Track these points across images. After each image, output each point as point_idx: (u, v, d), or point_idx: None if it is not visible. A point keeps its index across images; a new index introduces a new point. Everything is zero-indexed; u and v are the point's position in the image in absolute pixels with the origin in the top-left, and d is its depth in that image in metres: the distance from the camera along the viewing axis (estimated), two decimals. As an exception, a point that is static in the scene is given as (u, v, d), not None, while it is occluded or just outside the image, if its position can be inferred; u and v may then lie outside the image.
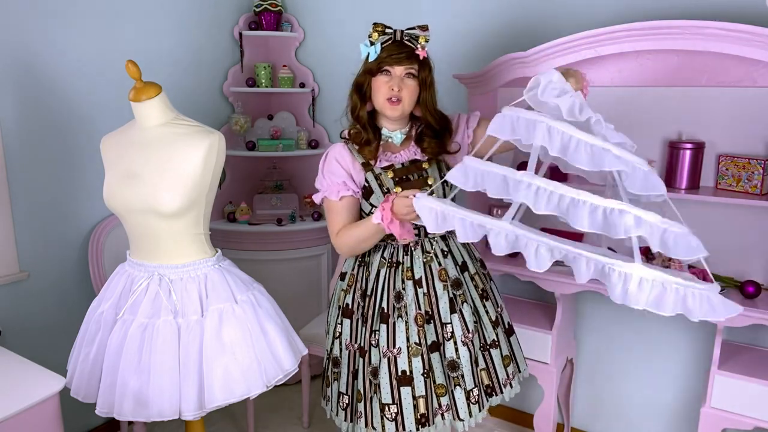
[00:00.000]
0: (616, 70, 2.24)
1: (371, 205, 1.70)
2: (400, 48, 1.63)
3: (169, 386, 1.69)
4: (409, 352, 1.68)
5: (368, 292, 1.74)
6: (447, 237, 1.80)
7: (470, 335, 1.73)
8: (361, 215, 1.76)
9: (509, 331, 1.89)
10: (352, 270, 1.81)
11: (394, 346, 1.69)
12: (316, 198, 1.76)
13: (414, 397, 1.67)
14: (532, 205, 1.27)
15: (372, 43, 1.65)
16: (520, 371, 1.89)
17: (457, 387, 1.71)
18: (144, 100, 1.74)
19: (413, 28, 1.66)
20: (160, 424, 2.70)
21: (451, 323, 1.71)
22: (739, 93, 2.04)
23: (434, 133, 1.72)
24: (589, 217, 1.23)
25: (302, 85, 3.11)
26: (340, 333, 1.80)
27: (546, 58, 2.14)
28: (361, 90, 1.72)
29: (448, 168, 1.76)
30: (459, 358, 1.71)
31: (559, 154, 1.31)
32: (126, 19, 2.53)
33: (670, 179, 2.13)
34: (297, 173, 3.28)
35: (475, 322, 1.76)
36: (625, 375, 2.50)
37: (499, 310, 1.86)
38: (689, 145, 2.07)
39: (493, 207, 2.59)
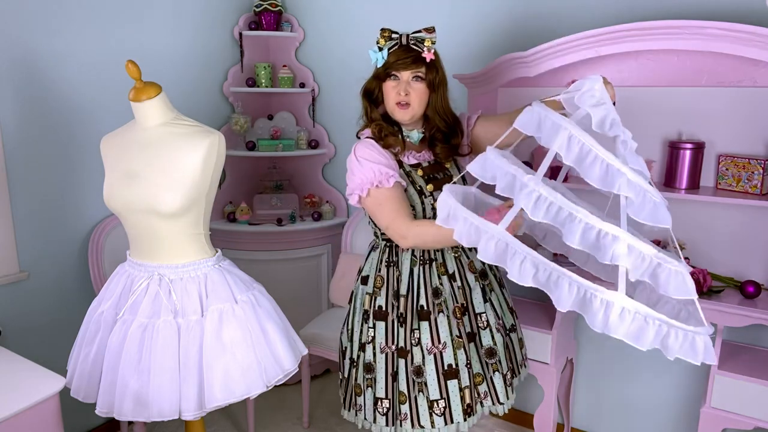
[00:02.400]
0: (616, 70, 2.24)
1: None
2: (406, 52, 1.65)
3: (169, 386, 1.69)
4: (453, 346, 1.73)
5: (402, 292, 1.75)
6: None
7: (501, 321, 1.84)
8: None
9: (515, 315, 1.99)
10: (378, 272, 1.80)
11: (439, 342, 1.72)
12: (353, 197, 1.68)
13: (461, 389, 1.73)
14: (529, 211, 1.25)
15: (380, 49, 1.67)
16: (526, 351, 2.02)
17: (496, 372, 1.79)
18: (144, 100, 1.74)
19: (419, 32, 1.67)
20: (160, 424, 2.70)
21: (485, 312, 1.80)
22: (739, 93, 2.04)
23: (444, 136, 1.76)
24: (581, 235, 1.21)
25: (302, 85, 3.11)
26: (373, 337, 1.78)
27: (546, 58, 2.14)
28: (371, 96, 1.75)
29: (461, 166, 1.84)
30: (496, 344, 1.80)
31: (573, 164, 1.28)
32: (126, 19, 2.54)
33: (670, 179, 2.13)
34: (297, 173, 3.28)
35: (500, 309, 1.87)
36: (625, 375, 2.50)
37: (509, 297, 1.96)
38: (689, 145, 2.07)
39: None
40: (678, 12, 2.10)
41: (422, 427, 1.71)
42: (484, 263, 1.85)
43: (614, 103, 1.50)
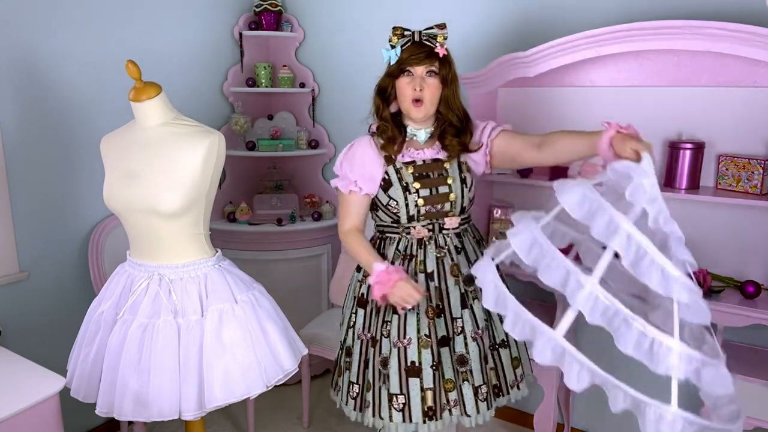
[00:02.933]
0: (616, 70, 2.24)
1: (389, 197, 1.75)
2: (419, 48, 1.67)
3: (169, 386, 1.69)
4: (419, 344, 1.72)
5: None
6: (462, 234, 1.82)
7: (480, 332, 1.77)
8: (378, 205, 1.79)
9: (502, 344, 1.87)
10: None
11: (404, 337, 1.73)
12: (333, 183, 1.83)
13: (422, 389, 1.71)
14: (587, 314, 1.22)
15: (393, 47, 1.69)
16: (525, 374, 1.91)
17: (465, 382, 1.74)
18: (144, 100, 1.74)
19: (431, 28, 1.70)
20: (160, 424, 2.70)
21: (461, 318, 1.75)
22: (739, 93, 2.04)
23: (456, 131, 1.77)
24: (635, 343, 1.20)
25: (302, 85, 3.11)
26: (354, 323, 1.83)
27: (546, 58, 2.14)
28: (384, 93, 1.77)
29: (468, 170, 1.81)
30: (468, 353, 1.75)
31: (629, 267, 1.23)
32: (126, 19, 2.54)
33: (670, 179, 2.13)
34: (297, 173, 3.28)
35: (486, 320, 1.80)
36: (625, 375, 2.49)
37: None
38: (689, 145, 2.07)
39: (493, 207, 2.59)
40: (678, 12, 2.10)
41: (382, 418, 1.74)
42: None
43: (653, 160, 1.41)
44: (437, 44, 1.68)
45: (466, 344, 1.75)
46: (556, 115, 2.42)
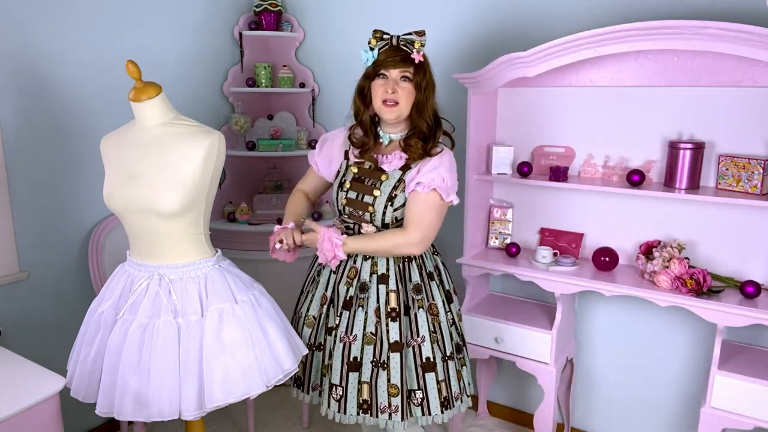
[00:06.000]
0: (616, 70, 2.24)
1: (333, 187, 1.91)
2: (396, 52, 1.71)
3: (169, 386, 1.68)
4: (304, 322, 1.94)
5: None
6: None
7: (350, 337, 1.81)
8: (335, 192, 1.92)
9: (426, 366, 1.81)
10: None
11: (301, 308, 1.98)
12: (309, 153, 2.04)
13: (304, 358, 1.92)
14: None
15: (372, 49, 1.73)
16: (412, 414, 1.81)
17: (325, 376, 1.86)
18: (144, 100, 1.74)
19: (410, 34, 1.72)
20: (160, 424, 2.70)
21: (340, 317, 1.84)
22: (739, 93, 2.05)
23: (424, 136, 1.78)
24: None
25: (302, 85, 3.11)
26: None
27: (546, 58, 2.14)
28: (363, 94, 1.80)
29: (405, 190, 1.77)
30: (334, 350, 1.83)
31: None
32: (126, 19, 2.54)
33: (670, 179, 2.13)
34: (297, 173, 3.27)
35: (373, 334, 1.79)
36: (625, 375, 2.50)
37: (418, 340, 1.80)
38: (689, 145, 2.07)
39: (493, 207, 2.59)
40: (678, 12, 2.11)
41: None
42: (376, 279, 1.80)
43: None
44: (414, 50, 1.70)
45: (334, 342, 1.84)
46: (556, 115, 2.42)
